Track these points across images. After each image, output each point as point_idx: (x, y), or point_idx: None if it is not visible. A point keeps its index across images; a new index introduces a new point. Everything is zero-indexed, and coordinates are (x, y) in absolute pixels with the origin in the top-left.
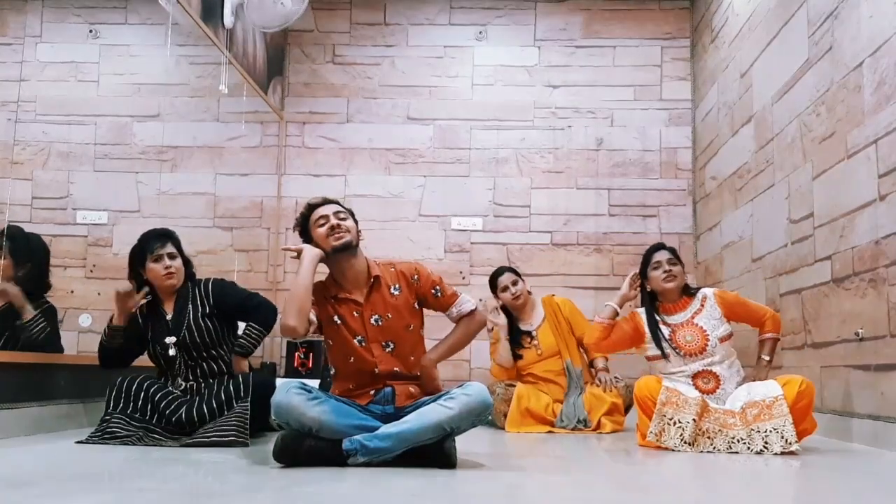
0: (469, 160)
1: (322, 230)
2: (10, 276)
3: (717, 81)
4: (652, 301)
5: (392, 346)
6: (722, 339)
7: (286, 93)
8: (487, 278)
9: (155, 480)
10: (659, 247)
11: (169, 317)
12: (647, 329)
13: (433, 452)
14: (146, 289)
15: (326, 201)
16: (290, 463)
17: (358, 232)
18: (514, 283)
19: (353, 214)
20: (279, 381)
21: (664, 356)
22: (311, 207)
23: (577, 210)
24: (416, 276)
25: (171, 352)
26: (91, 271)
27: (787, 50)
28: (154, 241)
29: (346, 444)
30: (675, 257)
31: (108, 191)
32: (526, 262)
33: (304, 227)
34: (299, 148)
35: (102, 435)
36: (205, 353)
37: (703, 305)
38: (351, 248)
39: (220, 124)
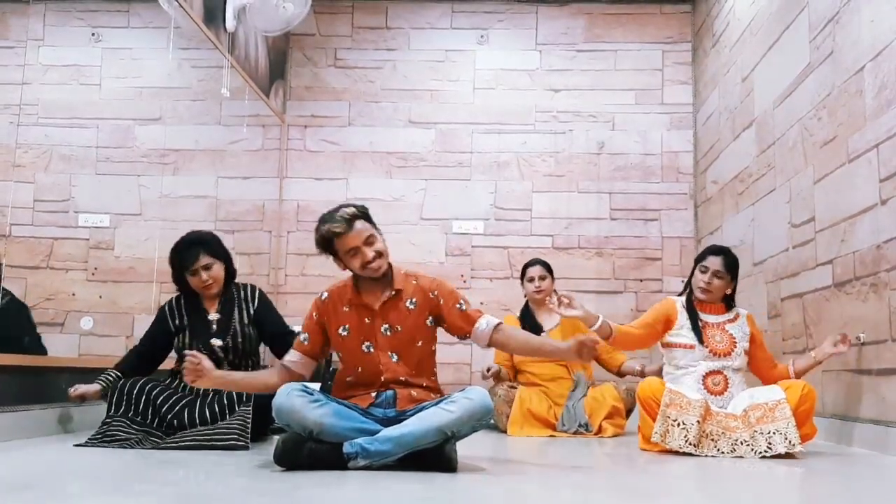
0: (470, 164)
1: (356, 262)
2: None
3: (719, 85)
4: (691, 292)
5: (397, 356)
6: (746, 353)
7: (288, 96)
8: (488, 282)
9: (155, 483)
10: (718, 250)
11: (211, 317)
12: (681, 318)
13: (434, 456)
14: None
15: (350, 225)
16: (291, 466)
17: (385, 244)
18: (542, 278)
19: (373, 223)
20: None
21: (697, 343)
22: (334, 234)
23: (578, 214)
24: (435, 292)
25: (219, 354)
26: (93, 274)
27: (788, 54)
28: (188, 256)
29: (346, 447)
30: (727, 268)
31: (110, 194)
32: None
33: (330, 248)
34: (301, 151)
35: (102, 438)
36: (243, 359)
37: (735, 318)
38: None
39: (222, 127)
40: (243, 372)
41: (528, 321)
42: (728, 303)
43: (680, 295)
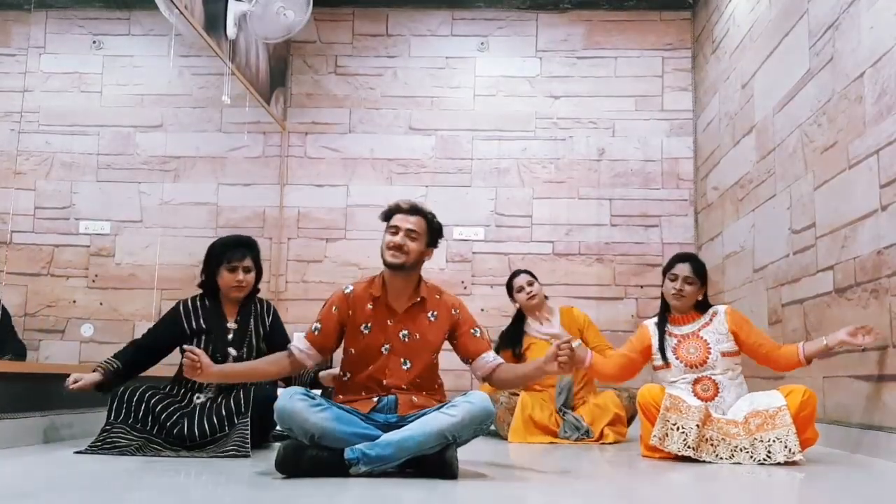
0: (471, 170)
1: (386, 239)
2: None
3: (719, 92)
4: (664, 308)
5: (410, 364)
6: (725, 354)
7: (289, 103)
8: (489, 288)
9: (155, 491)
10: (684, 258)
11: (230, 325)
12: (654, 340)
13: (435, 462)
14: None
15: (413, 211)
16: (292, 473)
17: (423, 253)
18: (530, 284)
19: (434, 231)
20: (280, 390)
21: (667, 365)
22: (395, 209)
23: (578, 220)
24: (457, 310)
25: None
26: (93, 281)
27: (788, 60)
28: (235, 252)
29: (347, 452)
30: (696, 274)
31: (111, 201)
32: None
33: (387, 217)
34: (301, 158)
35: (102, 445)
36: None
37: (711, 320)
38: (402, 270)
39: (223, 135)
40: (242, 363)
41: (511, 335)
42: (701, 308)
43: (654, 317)
